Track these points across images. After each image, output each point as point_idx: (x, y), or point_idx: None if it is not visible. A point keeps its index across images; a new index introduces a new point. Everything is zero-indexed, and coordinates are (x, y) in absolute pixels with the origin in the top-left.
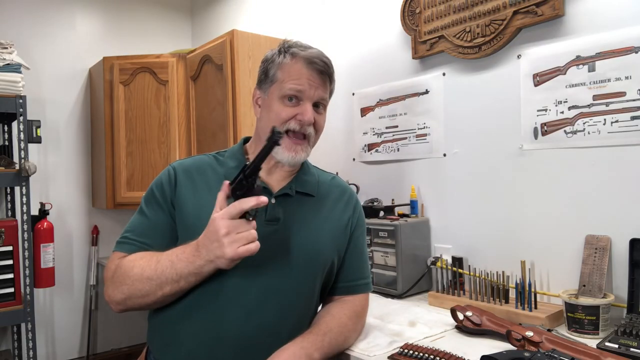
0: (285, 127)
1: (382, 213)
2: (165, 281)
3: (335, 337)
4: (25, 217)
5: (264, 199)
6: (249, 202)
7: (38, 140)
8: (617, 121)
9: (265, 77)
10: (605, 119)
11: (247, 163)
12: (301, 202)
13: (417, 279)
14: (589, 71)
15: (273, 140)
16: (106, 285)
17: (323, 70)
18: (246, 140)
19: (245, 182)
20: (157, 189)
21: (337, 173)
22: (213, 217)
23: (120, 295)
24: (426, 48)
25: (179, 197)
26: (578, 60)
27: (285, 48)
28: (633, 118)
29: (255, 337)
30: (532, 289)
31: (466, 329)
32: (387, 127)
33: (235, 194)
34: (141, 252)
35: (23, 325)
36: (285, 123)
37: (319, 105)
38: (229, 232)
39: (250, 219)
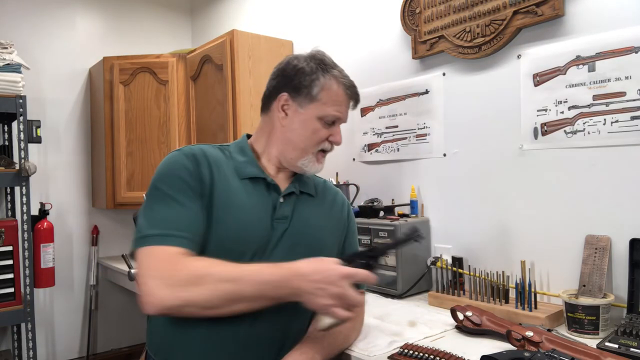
0: (320, 147)
1: (382, 213)
2: (250, 283)
3: (335, 337)
4: (25, 217)
5: (374, 278)
6: (370, 279)
7: (38, 140)
8: (617, 121)
9: (305, 91)
10: (605, 119)
11: (376, 246)
12: (304, 201)
13: (417, 279)
14: (589, 71)
15: (414, 239)
16: (153, 284)
17: (355, 100)
18: (248, 136)
19: (370, 262)
20: (187, 176)
21: (337, 173)
22: (336, 267)
23: (176, 302)
24: (426, 48)
25: (210, 185)
26: (578, 60)
27: (326, 68)
28: (633, 118)
29: (264, 336)
30: (532, 289)
31: (466, 329)
32: (387, 127)
33: (355, 262)
34: (208, 258)
35: (23, 325)
36: (322, 143)
37: None
38: (340, 291)
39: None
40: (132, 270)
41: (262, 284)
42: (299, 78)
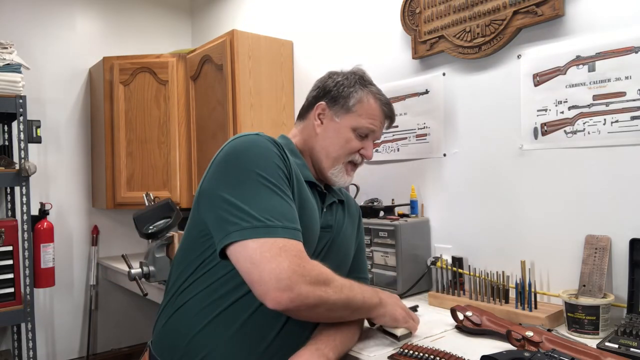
0: (350, 158)
1: (382, 213)
2: (351, 307)
3: (345, 335)
4: (25, 217)
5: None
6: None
7: (38, 140)
8: (617, 121)
9: (342, 101)
10: (605, 119)
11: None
12: (338, 209)
13: (417, 279)
14: (589, 71)
15: None
16: (295, 279)
17: (390, 119)
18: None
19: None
20: (283, 166)
21: None
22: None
23: (314, 300)
24: (426, 48)
25: (293, 177)
26: (578, 60)
27: (365, 83)
28: (633, 118)
29: (286, 345)
30: (532, 289)
31: (466, 329)
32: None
33: None
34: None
35: (23, 325)
36: (352, 155)
37: None
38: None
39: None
40: (132, 271)
41: (365, 294)
42: (337, 89)
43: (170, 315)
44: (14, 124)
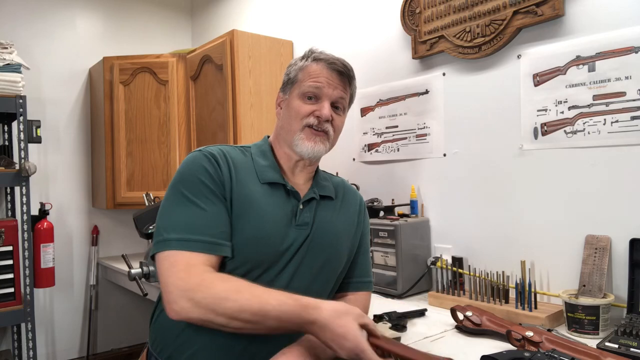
0: (304, 122)
1: (382, 213)
2: (261, 329)
3: None
4: (25, 217)
5: None
6: None
7: (38, 140)
8: (617, 121)
9: (287, 80)
10: (605, 119)
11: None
12: (323, 206)
13: (417, 279)
14: (589, 71)
15: None
16: (176, 295)
17: (342, 72)
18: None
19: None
20: (207, 178)
21: (337, 173)
22: (361, 342)
23: (198, 316)
24: (426, 48)
25: (230, 186)
26: (578, 60)
27: (309, 53)
28: (633, 118)
29: (274, 337)
30: (532, 289)
31: (466, 329)
32: (387, 127)
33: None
34: (232, 278)
35: (23, 325)
36: (305, 119)
37: (338, 107)
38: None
39: None
40: (132, 271)
41: (282, 321)
42: (286, 72)
43: (162, 310)
44: (14, 124)
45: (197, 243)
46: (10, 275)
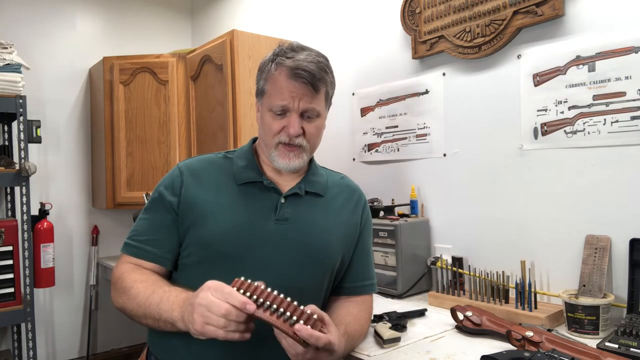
0: (276, 140)
1: (382, 213)
2: (149, 315)
3: (353, 337)
4: (25, 217)
5: (250, 308)
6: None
7: (38, 140)
8: (617, 121)
9: (257, 88)
10: (605, 119)
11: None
12: (311, 202)
13: (417, 279)
14: (589, 71)
15: None
16: (111, 286)
17: (307, 81)
18: (255, 139)
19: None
20: (163, 189)
21: None
22: (208, 284)
23: (118, 304)
24: (426, 48)
25: (187, 197)
26: (578, 60)
27: (274, 56)
28: (633, 118)
29: (263, 335)
30: (532, 289)
31: (466, 329)
32: (387, 127)
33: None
34: (146, 273)
35: (23, 325)
36: (276, 136)
37: (310, 116)
38: (209, 308)
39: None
40: None
41: (162, 308)
42: (257, 77)
43: None
44: (14, 124)
45: (138, 250)
46: (10, 275)
